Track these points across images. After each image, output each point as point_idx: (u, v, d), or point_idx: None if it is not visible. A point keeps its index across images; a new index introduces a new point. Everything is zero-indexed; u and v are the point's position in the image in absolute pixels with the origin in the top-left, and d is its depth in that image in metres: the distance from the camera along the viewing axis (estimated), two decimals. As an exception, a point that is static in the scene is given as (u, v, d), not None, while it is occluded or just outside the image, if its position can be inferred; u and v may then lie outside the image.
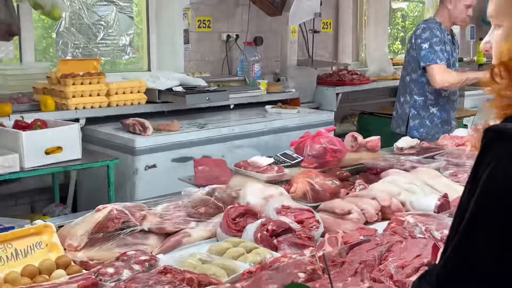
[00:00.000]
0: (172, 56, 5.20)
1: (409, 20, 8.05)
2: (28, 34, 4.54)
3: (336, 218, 2.35)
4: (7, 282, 1.74)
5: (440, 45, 4.10)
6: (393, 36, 7.67)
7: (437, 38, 4.11)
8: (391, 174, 2.82)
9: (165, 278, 1.73)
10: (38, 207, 4.44)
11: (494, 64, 1.19)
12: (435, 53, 4.09)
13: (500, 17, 1.24)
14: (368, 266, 1.85)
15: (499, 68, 1.16)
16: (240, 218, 2.23)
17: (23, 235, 1.95)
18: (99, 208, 2.16)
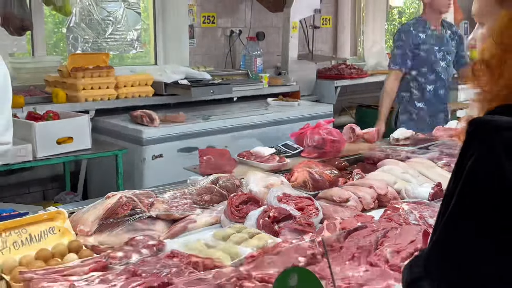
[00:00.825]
0: (178, 51, 5.20)
1: (405, 16, 8.02)
2: (40, 29, 4.54)
3: (335, 205, 2.34)
4: (22, 265, 1.75)
5: (402, 49, 4.11)
6: (390, 32, 7.64)
7: (401, 42, 4.12)
8: (387, 164, 2.81)
9: (172, 262, 1.74)
10: (50, 194, 4.46)
11: (475, 61, 1.20)
12: (393, 58, 4.18)
13: (482, 17, 1.25)
14: (365, 251, 1.85)
15: (480, 65, 1.18)
16: (243, 205, 2.23)
17: (37, 220, 1.96)
18: (109, 195, 2.17)
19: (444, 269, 1.06)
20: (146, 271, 1.66)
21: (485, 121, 1.06)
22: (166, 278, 1.61)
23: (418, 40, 4.08)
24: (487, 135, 1.03)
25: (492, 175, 1.01)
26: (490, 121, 1.05)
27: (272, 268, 1.72)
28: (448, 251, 1.06)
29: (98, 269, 1.72)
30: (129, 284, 1.57)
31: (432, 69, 4.13)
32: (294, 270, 1.25)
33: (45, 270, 1.69)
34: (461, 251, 1.04)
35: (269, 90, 5.13)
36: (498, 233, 1.00)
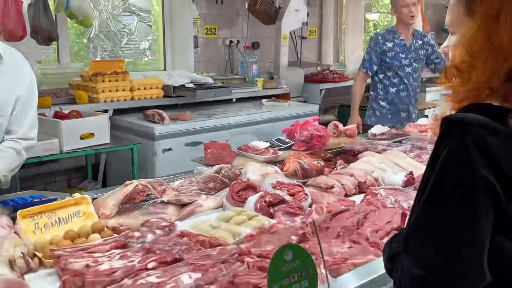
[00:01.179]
0: (184, 58, 5.18)
1: (380, 28, 8.00)
2: (64, 40, 4.52)
3: (321, 191, 2.34)
4: (52, 244, 1.75)
5: (369, 55, 4.10)
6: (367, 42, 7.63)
7: (370, 49, 4.11)
8: (366, 155, 2.81)
9: (182, 240, 1.74)
10: (74, 183, 4.45)
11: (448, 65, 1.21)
12: (362, 62, 4.18)
13: (454, 26, 1.25)
14: (348, 230, 1.85)
15: (452, 70, 1.17)
16: (243, 192, 2.22)
17: (65, 205, 1.95)
18: (127, 183, 2.16)
19: (420, 244, 1.06)
20: (160, 249, 1.66)
21: (457, 118, 1.06)
22: (177, 254, 1.61)
23: (385, 48, 4.05)
24: (459, 130, 1.04)
25: (462, 163, 1.02)
26: (461, 118, 1.06)
27: (269, 246, 1.72)
28: (424, 228, 1.07)
29: (118, 247, 1.71)
30: (146, 259, 1.56)
31: (396, 73, 4.09)
32: (289, 247, 1.24)
33: (72, 248, 1.68)
34: (435, 228, 1.05)
35: (263, 92, 5.11)
36: (468, 212, 1.01)
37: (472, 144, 1.00)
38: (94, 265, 1.55)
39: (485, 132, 1.01)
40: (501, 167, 1.00)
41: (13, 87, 2.19)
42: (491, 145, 1.00)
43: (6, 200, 2.06)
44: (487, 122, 1.03)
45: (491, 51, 1.07)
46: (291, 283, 1.23)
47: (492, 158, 1.00)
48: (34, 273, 1.62)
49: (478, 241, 1.01)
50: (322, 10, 6.34)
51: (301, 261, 1.25)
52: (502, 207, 1.01)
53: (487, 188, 1.00)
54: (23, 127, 2.26)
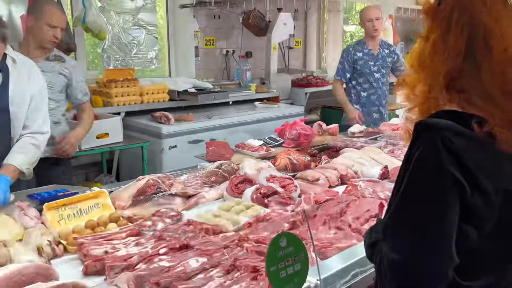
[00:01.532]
0: (186, 66, 5.14)
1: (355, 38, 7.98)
2: (81, 50, 4.46)
3: (308, 183, 2.34)
4: (75, 233, 1.74)
5: (342, 65, 4.06)
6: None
7: (343, 59, 4.08)
8: (346, 151, 2.82)
9: (188, 228, 1.74)
10: (91, 177, 4.40)
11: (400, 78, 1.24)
12: (337, 70, 4.14)
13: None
14: (333, 218, 1.85)
15: (401, 81, 1.20)
16: (241, 184, 2.22)
17: (85, 198, 1.94)
18: (139, 178, 2.15)
19: (397, 233, 1.06)
20: (170, 236, 1.65)
21: (427, 123, 1.07)
22: (185, 241, 1.60)
23: (356, 57, 4.02)
24: (429, 133, 1.04)
25: (433, 162, 1.02)
26: (432, 123, 1.06)
27: (264, 232, 1.71)
28: (400, 220, 1.07)
29: (133, 234, 1.71)
30: (158, 246, 1.55)
31: (367, 79, 4.04)
32: (284, 234, 1.24)
33: (92, 236, 1.67)
34: (409, 219, 1.05)
35: (256, 96, 5.07)
36: (438, 205, 1.01)
37: (441, 146, 1.01)
38: (113, 251, 1.54)
39: (452, 135, 1.02)
40: (466, 165, 1.01)
41: (26, 87, 2.17)
42: (458, 146, 1.01)
43: (33, 194, 2.04)
44: (454, 126, 1.03)
45: (430, 68, 1.10)
46: (286, 266, 1.22)
47: (458, 158, 1.01)
48: (59, 259, 1.61)
49: (447, 229, 1.01)
50: (306, 23, 6.31)
51: (294, 247, 1.24)
52: (467, 199, 1.01)
53: (455, 183, 1.00)
54: (37, 122, 2.23)
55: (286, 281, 1.22)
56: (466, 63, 1.06)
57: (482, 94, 1.05)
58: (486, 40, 1.04)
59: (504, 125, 1.02)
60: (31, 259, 1.47)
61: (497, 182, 1.03)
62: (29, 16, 2.68)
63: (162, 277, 1.34)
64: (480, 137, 1.02)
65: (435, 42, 1.10)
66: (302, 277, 1.26)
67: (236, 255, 1.50)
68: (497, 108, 1.04)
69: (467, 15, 1.06)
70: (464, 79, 1.06)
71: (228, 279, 1.35)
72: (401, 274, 1.03)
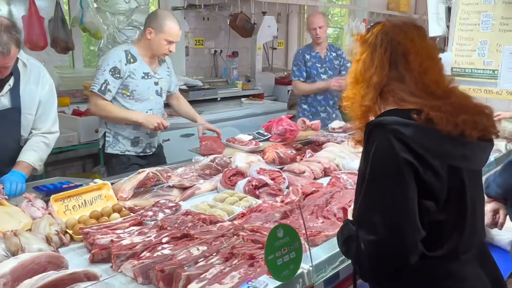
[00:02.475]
0: (177, 65, 5.05)
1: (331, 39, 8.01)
2: (79, 48, 4.38)
3: (295, 175, 2.35)
4: (80, 223, 1.72)
5: (297, 66, 3.95)
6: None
7: (296, 61, 3.98)
8: (328, 145, 2.82)
9: (187, 218, 1.73)
10: (88, 168, 4.34)
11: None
12: (292, 72, 4.05)
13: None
14: (319, 208, 1.86)
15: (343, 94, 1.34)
16: (233, 177, 2.22)
17: (89, 190, 1.93)
18: (140, 171, 2.13)
19: (369, 218, 1.14)
20: (171, 226, 1.64)
21: (377, 122, 1.18)
22: (185, 230, 1.59)
23: (304, 59, 3.95)
24: (380, 129, 1.15)
25: (387, 152, 1.13)
26: (380, 120, 1.17)
27: (257, 221, 1.72)
28: (369, 206, 1.15)
29: (135, 224, 1.70)
30: (160, 235, 1.55)
31: (314, 81, 3.94)
32: (280, 226, 1.25)
33: (97, 226, 1.66)
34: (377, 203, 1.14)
35: (242, 93, 5.05)
36: (398, 186, 1.11)
37: (392, 137, 1.12)
38: (118, 240, 1.53)
39: (399, 126, 1.13)
40: (415, 150, 1.12)
41: (36, 90, 2.14)
42: (405, 135, 1.13)
43: (39, 186, 2.01)
44: (399, 119, 1.15)
45: (362, 82, 1.26)
46: (282, 255, 1.24)
47: (408, 144, 1.12)
48: (67, 247, 1.60)
49: (410, 206, 1.11)
50: (288, 26, 6.31)
51: (290, 237, 1.26)
52: (421, 177, 1.12)
53: (408, 165, 1.11)
54: (47, 123, 2.22)
55: (283, 268, 1.24)
56: (391, 73, 1.22)
57: (410, 94, 1.21)
58: (405, 56, 1.22)
59: (435, 110, 1.15)
60: (41, 248, 1.45)
61: (441, 159, 1.15)
62: (149, 29, 2.66)
63: (166, 264, 1.34)
64: (422, 125, 1.14)
65: (365, 61, 1.26)
66: (297, 264, 1.28)
67: (233, 244, 1.50)
68: (424, 99, 1.18)
69: (388, 38, 1.24)
70: (392, 85, 1.23)
71: (227, 266, 1.36)
72: (379, 252, 1.11)
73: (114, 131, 2.76)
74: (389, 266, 1.12)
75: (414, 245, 1.10)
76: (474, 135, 1.17)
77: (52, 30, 3.78)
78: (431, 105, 1.16)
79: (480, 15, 3.51)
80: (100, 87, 2.60)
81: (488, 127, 1.21)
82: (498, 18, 3.43)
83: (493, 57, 3.49)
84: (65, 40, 3.81)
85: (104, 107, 2.63)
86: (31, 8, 3.61)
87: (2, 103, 2.03)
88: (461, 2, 3.59)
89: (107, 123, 2.76)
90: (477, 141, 1.19)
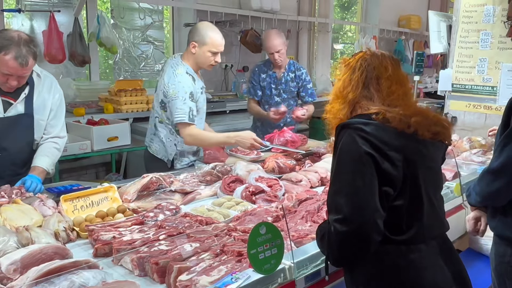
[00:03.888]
0: (189, 78, 5.23)
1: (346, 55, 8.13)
2: (95, 62, 4.56)
3: (292, 184, 2.42)
4: (87, 221, 1.83)
5: (252, 84, 3.72)
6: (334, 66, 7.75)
7: (251, 79, 3.77)
8: (327, 156, 2.86)
9: (185, 219, 1.84)
10: (101, 175, 4.49)
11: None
12: (248, 90, 3.84)
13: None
14: (310, 213, 1.94)
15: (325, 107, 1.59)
16: (232, 183, 2.30)
17: (96, 192, 2.04)
18: (144, 176, 2.23)
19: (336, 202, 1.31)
20: (169, 225, 1.76)
21: (343, 123, 1.40)
22: (181, 229, 1.71)
23: (259, 78, 3.71)
24: (346, 128, 1.37)
25: (351, 146, 1.33)
26: (346, 122, 1.39)
27: (250, 224, 1.81)
28: (336, 191, 1.33)
29: (137, 223, 1.80)
30: (158, 233, 1.66)
31: (266, 101, 3.73)
32: (263, 223, 1.36)
33: (102, 224, 1.77)
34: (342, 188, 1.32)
35: (251, 106, 5.17)
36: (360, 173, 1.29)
37: (355, 134, 1.33)
38: (119, 236, 1.65)
39: (361, 125, 1.34)
40: (375, 143, 1.31)
41: (48, 98, 2.32)
42: (366, 131, 1.33)
43: (52, 188, 2.16)
44: (361, 120, 1.38)
45: (341, 98, 1.49)
46: (264, 250, 1.35)
47: (368, 140, 1.32)
48: (73, 243, 1.72)
49: (370, 188, 1.29)
50: (298, 42, 6.44)
51: (272, 234, 1.36)
52: (381, 167, 1.30)
53: (369, 156, 1.30)
54: (57, 128, 2.38)
55: (265, 262, 1.34)
56: (363, 92, 1.45)
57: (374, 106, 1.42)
58: (378, 79, 1.45)
59: (391, 112, 1.37)
60: (49, 242, 1.57)
61: (397, 152, 1.33)
62: (193, 43, 2.66)
63: (160, 258, 1.45)
64: (380, 123, 1.35)
65: (345, 80, 1.50)
66: (278, 259, 1.38)
67: (224, 242, 1.61)
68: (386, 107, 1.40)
69: (366, 63, 1.47)
70: (362, 101, 1.44)
71: (216, 261, 1.47)
72: (344, 229, 1.27)
73: (181, 151, 2.79)
74: (354, 243, 1.28)
75: (375, 223, 1.27)
76: (426, 135, 1.38)
77: (70, 44, 3.98)
78: (388, 110, 1.38)
79: (479, 33, 3.60)
80: (189, 116, 2.60)
81: (441, 133, 1.42)
82: (497, 36, 3.52)
83: (492, 74, 3.57)
84: (82, 54, 4.00)
85: (198, 135, 2.66)
86: (51, 24, 3.82)
87: (17, 109, 2.20)
88: (461, 20, 3.68)
89: (177, 145, 2.76)
90: (430, 140, 1.39)
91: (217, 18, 5.00)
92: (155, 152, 2.83)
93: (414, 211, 1.37)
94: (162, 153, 2.81)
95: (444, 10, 7.87)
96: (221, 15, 5.07)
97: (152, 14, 5.08)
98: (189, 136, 2.64)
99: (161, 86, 2.72)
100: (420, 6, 8.24)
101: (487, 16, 3.50)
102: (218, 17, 5.04)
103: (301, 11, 6.29)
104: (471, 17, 3.60)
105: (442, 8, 8.23)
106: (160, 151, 2.82)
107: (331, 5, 6.75)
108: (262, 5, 5.33)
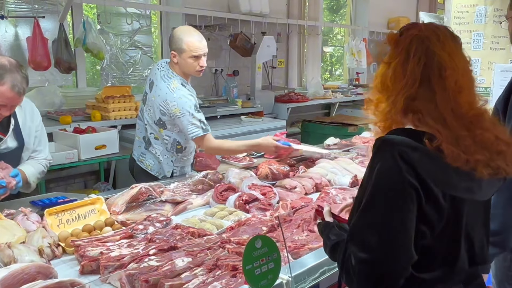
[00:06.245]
0: (179, 83, 5.17)
1: (334, 58, 8.13)
2: (82, 69, 4.48)
3: (287, 191, 2.38)
4: (73, 236, 1.76)
5: None
6: (324, 69, 7.73)
7: None
8: (321, 162, 2.84)
9: (176, 231, 1.77)
10: (89, 184, 4.41)
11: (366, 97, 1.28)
12: None
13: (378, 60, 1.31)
14: (306, 222, 1.88)
15: (367, 101, 1.26)
16: (225, 192, 2.25)
17: (83, 204, 1.97)
18: (133, 186, 2.17)
19: (365, 234, 1.11)
20: (159, 238, 1.68)
21: (387, 139, 1.14)
22: (172, 243, 1.64)
23: None
24: (389, 148, 1.11)
25: (392, 171, 1.09)
26: (390, 139, 1.13)
27: (245, 235, 1.75)
28: (367, 222, 1.12)
29: (126, 237, 1.74)
30: (148, 247, 1.59)
31: None
32: (259, 237, 1.29)
33: (89, 239, 1.70)
34: (375, 221, 1.10)
35: (242, 110, 5.11)
36: (399, 207, 1.07)
37: (399, 157, 1.08)
38: (107, 252, 1.58)
39: (407, 149, 1.09)
40: (420, 174, 1.08)
41: (32, 126, 2.26)
42: (413, 158, 1.08)
43: (35, 201, 2.07)
44: (408, 141, 1.11)
45: (392, 91, 1.17)
46: (261, 265, 1.28)
47: (413, 167, 1.08)
48: (58, 259, 1.64)
49: (407, 229, 1.08)
50: (288, 45, 6.41)
51: (268, 247, 1.29)
52: (422, 203, 1.08)
53: (412, 188, 1.07)
54: (44, 153, 2.34)
55: (261, 278, 1.27)
56: (421, 88, 1.12)
57: (435, 114, 1.11)
58: (440, 70, 1.11)
59: (449, 142, 1.10)
60: (33, 260, 1.50)
61: (444, 189, 1.10)
62: (172, 53, 2.56)
63: (151, 275, 1.38)
64: (430, 151, 1.09)
65: (396, 68, 1.15)
66: (275, 274, 1.31)
67: (218, 255, 1.54)
68: (445, 128, 1.11)
69: (424, 47, 1.12)
70: (419, 101, 1.13)
71: (210, 277, 1.40)
72: (369, 271, 1.08)
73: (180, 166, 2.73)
74: (377, 285, 1.09)
75: (405, 269, 1.08)
76: (485, 174, 1.11)
77: (55, 50, 3.89)
78: (447, 136, 1.10)
79: (471, 34, 3.59)
80: (204, 128, 2.53)
81: (502, 168, 1.13)
82: (489, 37, 3.50)
83: (485, 74, 3.55)
84: (68, 61, 3.91)
85: (219, 146, 2.60)
86: (35, 30, 3.73)
87: (7, 144, 2.13)
88: (452, 21, 3.67)
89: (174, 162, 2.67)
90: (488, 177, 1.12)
91: (206, 22, 4.95)
92: (149, 168, 2.70)
93: (449, 254, 1.16)
94: (156, 170, 2.68)
95: (432, 12, 7.90)
96: (210, 19, 5.02)
97: (139, 19, 5.01)
98: (210, 150, 2.61)
99: (156, 103, 2.56)
100: (409, 8, 8.28)
101: (479, 16, 3.48)
102: (207, 21, 4.99)
103: (290, 14, 6.26)
104: (463, 18, 3.58)
105: (431, 9, 8.26)
106: (155, 168, 2.68)
107: (321, 8, 6.74)
108: (251, 8, 5.30)
